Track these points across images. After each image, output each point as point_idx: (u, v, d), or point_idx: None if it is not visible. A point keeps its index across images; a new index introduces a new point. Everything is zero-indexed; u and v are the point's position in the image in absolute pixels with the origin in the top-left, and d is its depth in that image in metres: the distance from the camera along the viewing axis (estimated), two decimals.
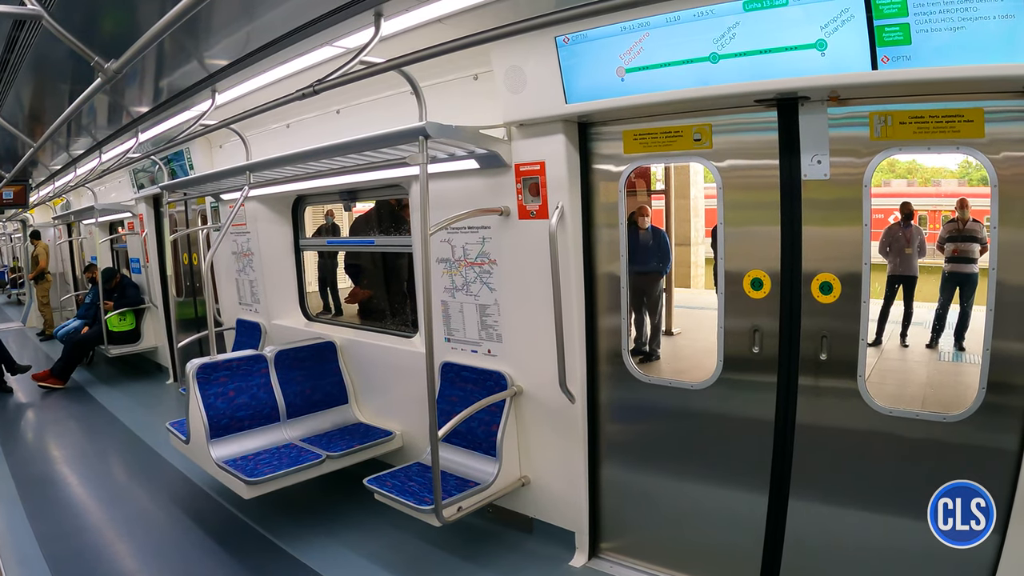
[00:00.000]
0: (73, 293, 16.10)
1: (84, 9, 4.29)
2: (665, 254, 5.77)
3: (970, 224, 4.59)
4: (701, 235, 7.63)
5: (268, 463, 5.81)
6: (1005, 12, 3.16)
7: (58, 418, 10.01)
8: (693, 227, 7.59)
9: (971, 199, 4.49)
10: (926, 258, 4.82)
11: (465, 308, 5.76)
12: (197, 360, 6.26)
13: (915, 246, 4.55)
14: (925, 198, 4.94)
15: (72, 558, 5.55)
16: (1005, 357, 3.70)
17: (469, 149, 5.01)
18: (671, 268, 6.05)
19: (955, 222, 4.64)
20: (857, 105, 3.93)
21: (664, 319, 5.97)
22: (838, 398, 4.18)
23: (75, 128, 8.20)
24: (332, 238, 9.19)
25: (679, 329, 6.26)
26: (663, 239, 5.73)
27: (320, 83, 4.90)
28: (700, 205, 7.45)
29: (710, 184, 4.53)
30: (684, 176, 7.24)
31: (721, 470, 4.71)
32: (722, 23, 3.81)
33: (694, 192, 7.46)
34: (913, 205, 4.67)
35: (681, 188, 7.26)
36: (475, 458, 5.51)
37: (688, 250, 7.62)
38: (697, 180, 7.35)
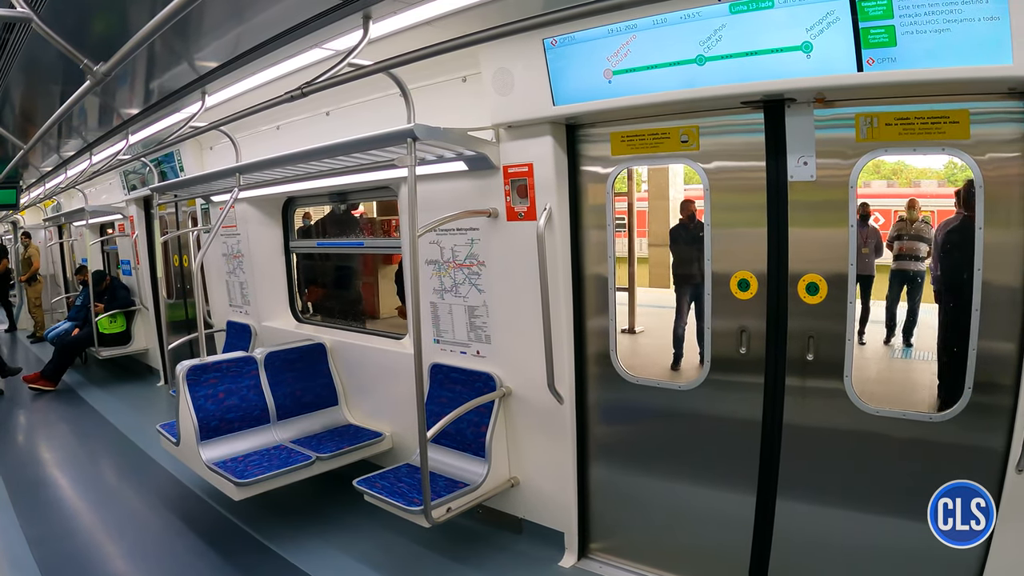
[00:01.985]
0: (64, 295, 16.03)
1: (74, 11, 4.29)
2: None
3: (918, 224, 4.63)
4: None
5: (258, 464, 5.81)
6: (990, 14, 3.18)
7: (49, 420, 9.98)
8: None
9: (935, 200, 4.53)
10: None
11: (454, 310, 5.77)
12: (187, 362, 6.26)
13: (872, 246, 4.58)
14: (895, 199, 4.97)
15: (63, 560, 5.54)
16: (991, 357, 3.72)
17: (457, 151, 5.02)
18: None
19: (904, 221, 4.68)
20: (843, 107, 3.96)
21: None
22: (825, 398, 4.20)
23: (65, 130, 8.19)
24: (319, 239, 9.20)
25: (642, 328, 6.34)
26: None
27: (308, 85, 4.90)
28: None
29: (692, 185, 4.54)
30: (663, 178, 7.26)
31: (709, 470, 4.73)
32: (708, 25, 3.83)
33: (673, 193, 7.47)
34: (871, 206, 4.71)
35: (661, 189, 7.28)
36: (464, 459, 5.52)
37: (666, 250, 7.64)
38: (676, 181, 7.36)
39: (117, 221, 12.44)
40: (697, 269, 4.63)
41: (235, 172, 6.21)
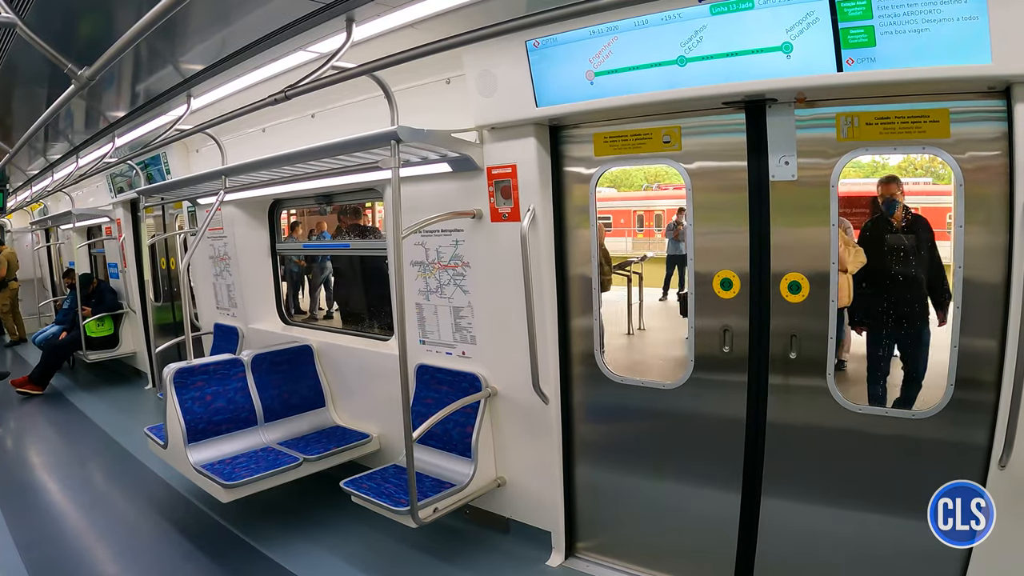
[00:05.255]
0: (51, 299, 15.95)
1: (58, 16, 4.30)
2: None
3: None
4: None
5: (246, 467, 5.80)
6: (968, 14, 3.22)
7: (36, 424, 9.94)
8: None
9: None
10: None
11: (439, 310, 5.77)
12: (174, 364, 6.24)
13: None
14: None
15: (52, 564, 5.52)
16: (971, 354, 3.76)
17: (441, 153, 5.04)
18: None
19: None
20: (824, 107, 3.98)
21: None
22: (808, 396, 4.23)
23: (51, 133, 8.19)
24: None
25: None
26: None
27: (292, 88, 4.90)
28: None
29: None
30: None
31: (694, 469, 4.75)
32: (689, 26, 3.86)
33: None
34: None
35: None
36: (451, 459, 5.53)
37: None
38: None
39: (104, 224, 12.40)
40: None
41: (221, 175, 6.19)
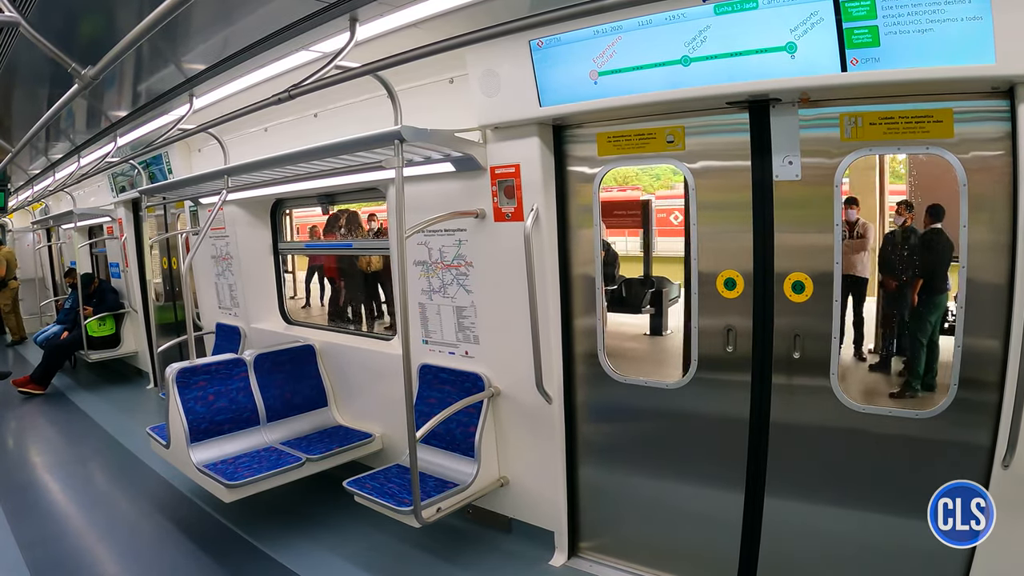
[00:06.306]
0: (53, 298, 15.95)
1: (61, 15, 4.29)
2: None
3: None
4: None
5: (248, 466, 5.80)
6: (972, 14, 3.21)
7: (38, 424, 9.95)
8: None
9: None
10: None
11: (442, 310, 5.77)
12: (176, 364, 6.24)
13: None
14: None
15: (54, 563, 5.52)
16: (975, 353, 3.75)
17: (444, 152, 5.03)
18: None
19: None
20: (827, 107, 3.97)
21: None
22: (811, 396, 4.22)
23: (53, 133, 8.18)
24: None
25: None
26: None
27: (296, 88, 4.89)
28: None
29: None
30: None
31: (698, 468, 4.75)
32: (693, 26, 3.85)
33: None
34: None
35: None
36: (454, 459, 5.53)
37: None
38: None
39: (106, 224, 12.40)
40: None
41: (223, 174, 6.19)
